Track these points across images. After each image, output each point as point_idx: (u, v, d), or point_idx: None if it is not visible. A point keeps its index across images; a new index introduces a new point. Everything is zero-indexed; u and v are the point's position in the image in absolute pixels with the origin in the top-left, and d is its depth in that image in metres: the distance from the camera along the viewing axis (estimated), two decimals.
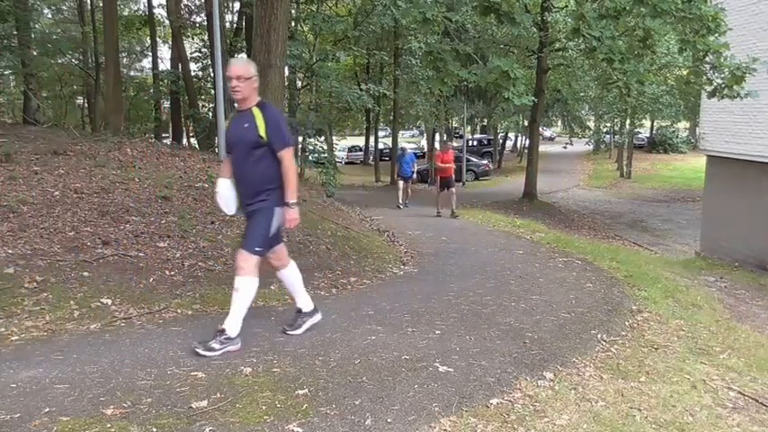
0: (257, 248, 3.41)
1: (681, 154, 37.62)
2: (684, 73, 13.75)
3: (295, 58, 13.07)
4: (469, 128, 35.22)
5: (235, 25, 21.14)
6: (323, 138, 15.94)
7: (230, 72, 3.40)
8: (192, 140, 21.58)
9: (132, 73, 25.69)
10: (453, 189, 12.39)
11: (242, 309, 3.44)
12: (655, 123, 37.79)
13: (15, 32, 14.96)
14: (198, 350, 3.32)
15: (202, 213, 6.49)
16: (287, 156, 3.44)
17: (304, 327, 3.84)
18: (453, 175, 12.63)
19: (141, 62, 26.99)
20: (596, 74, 19.90)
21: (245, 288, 3.40)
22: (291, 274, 3.81)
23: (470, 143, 34.08)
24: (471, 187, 23.97)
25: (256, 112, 3.43)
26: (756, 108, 9.26)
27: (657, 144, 39.14)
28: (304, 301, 3.89)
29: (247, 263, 3.38)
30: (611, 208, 21.51)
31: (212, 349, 3.34)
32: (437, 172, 12.52)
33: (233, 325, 3.43)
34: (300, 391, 2.90)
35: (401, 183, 14.39)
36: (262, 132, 3.40)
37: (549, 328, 4.24)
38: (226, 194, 3.57)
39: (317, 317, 3.94)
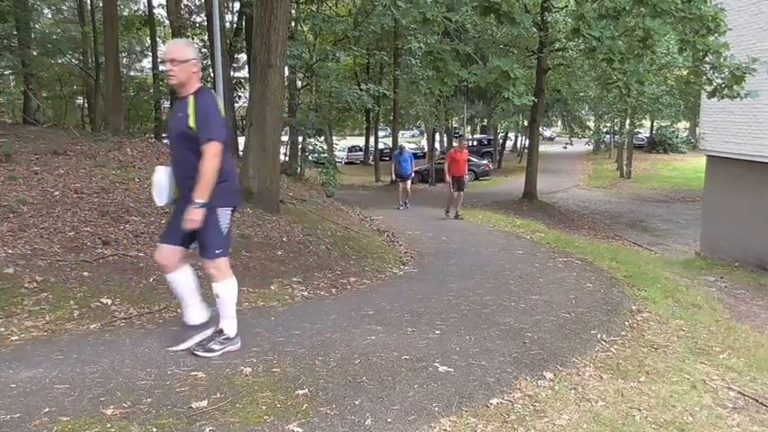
0: (217, 251, 3.26)
1: (681, 154, 37.61)
2: (684, 73, 13.75)
3: (295, 58, 13.06)
4: (469, 128, 35.23)
5: (235, 25, 21.14)
6: (323, 138, 15.91)
7: (165, 54, 3.14)
8: None
9: (132, 73, 25.67)
10: (462, 192, 12.09)
11: (231, 309, 3.40)
12: (655, 123, 37.79)
13: (15, 32, 14.95)
14: (197, 353, 3.31)
15: None
16: (208, 151, 3.07)
17: (190, 341, 3.39)
18: (466, 176, 12.25)
19: (141, 62, 26.99)
20: (596, 74, 19.90)
21: (225, 291, 3.34)
22: (180, 280, 3.38)
23: (470, 143, 34.04)
24: (471, 187, 23.91)
25: (191, 100, 3.15)
26: (756, 108, 9.26)
27: (657, 144, 39.14)
28: (193, 314, 3.43)
29: (217, 269, 3.28)
30: (611, 208, 21.50)
31: (212, 350, 3.33)
32: (450, 171, 11.95)
33: (229, 326, 3.41)
34: (300, 391, 2.90)
35: (400, 183, 13.97)
36: (191, 123, 3.10)
37: (548, 328, 4.24)
38: (160, 183, 3.28)
39: (207, 332, 3.44)
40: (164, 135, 21.87)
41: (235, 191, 3.37)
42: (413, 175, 14.67)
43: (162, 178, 3.28)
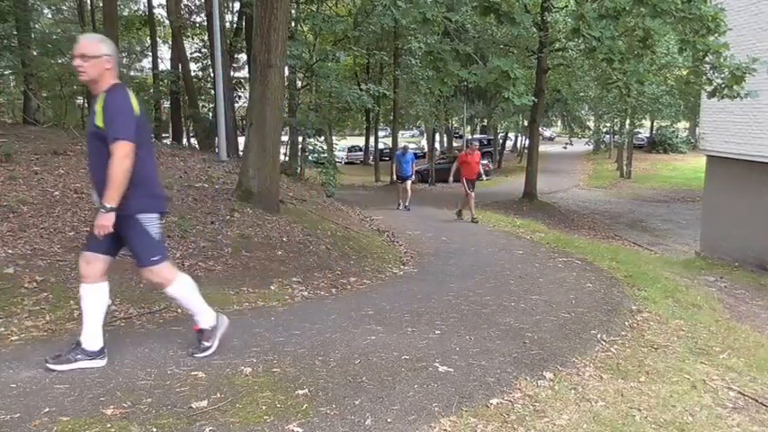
0: (153, 258, 3.07)
1: (681, 154, 37.65)
2: (684, 73, 13.76)
3: (295, 58, 13.05)
4: (469, 128, 35.24)
5: (235, 25, 21.14)
6: (323, 138, 15.90)
7: (75, 49, 2.94)
8: (192, 140, 21.60)
9: (132, 73, 25.68)
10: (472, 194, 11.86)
11: (197, 304, 3.30)
12: (655, 123, 37.82)
13: (15, 32, 14.95)
14: (196, 355, 3.29)
15: (202, 213, 6.49)
16: (117, 151, 2.83)
17: (70, 365, 3.03)
18: (483, 177, 11.95)
19: (141, 62, 27.01)
20: (596, 74, 19.92)
21: (180, 291, 3.22)
22: (94, 296, 3.08)
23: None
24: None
25: (101, 97, 2.93)
26: (756, 108, 9.26)
27: (657, 144, 39.17)
28: (90, 337, 3.09)
29: (160, 275, 3.12)
30: (611, 208, 21.51)
31: (206, 348, 3.31)
32: (463, 174, 11.66)
33: (204, 318, 3.33)
34: (300, 391, 2.90)
35: (401, 184, 13.78)
36: (99, 121, 2.89)
37: (548, 328, 4.24)
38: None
39: (98, 363, 3.09)
40: (164, 135, 21.93)
41: (156, 195, 3.12)
42: (413, 177, 14.42)
43: None
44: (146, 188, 3.03)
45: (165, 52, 26.11)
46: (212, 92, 14.94)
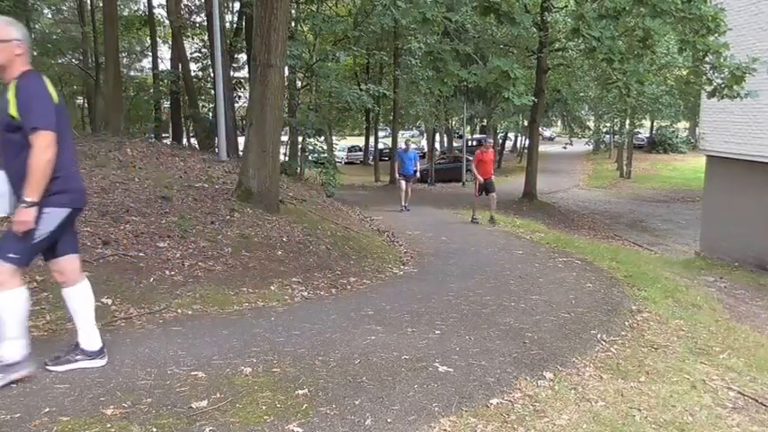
0: (10, 254, 2.72)
1: (681, 154, 37.67)
2: (684, 73, 13.76)
3: (295, 58, 13.05)
4: (469, 128, 35.24)
5: (235, 25, 21.15)
6: (323, 138, 15.90)
7: None
8: (192, 140, 21.62)
9: (132, 73, 25.71)
10: (494, 194, 11.22)
11: (13, 329, 2.77)
12: (655, 123, 37.84)
13: None
14: None
15: (202, 213, 6.49)
16: (38, 141, 2.65)
17: (70, 366, 3.00)
18: (493, 177, 11.22)
19: (141, 62, 27.04)
20: (596, 74, 19.92)
21: (3, 303, 2.74)
22: (78, 297, 3.03)
23: (470, 143, 34.11)
24: (471, 187, 23.92)
25: (12, 85, 2.74)
26: (756, 108, 9.26)
27: (657, 144, 39.19)
28: (87, 337, 3.05)
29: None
30: (611, 208, 21.52)
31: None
32: (479, 173, 11.03)
33: (12, 348, 2.80)
34: (300, 391, 2.90)
35: (403, 183, 13.20)
36: (12, 110, 2.69)
37: (548, 328, 4.24)
38: (1, 190, 2.81)
39: (98, 362, 3.05)
40: (164, 135, 21.94)
41: (73, 189, 2.90)
42: (417, 175, 13.81)
43: (1, 184, 2.81)
44: (63, 182, 2.81)
45: (165, 52, 26.14)
46: (212, 92, 14.94)
